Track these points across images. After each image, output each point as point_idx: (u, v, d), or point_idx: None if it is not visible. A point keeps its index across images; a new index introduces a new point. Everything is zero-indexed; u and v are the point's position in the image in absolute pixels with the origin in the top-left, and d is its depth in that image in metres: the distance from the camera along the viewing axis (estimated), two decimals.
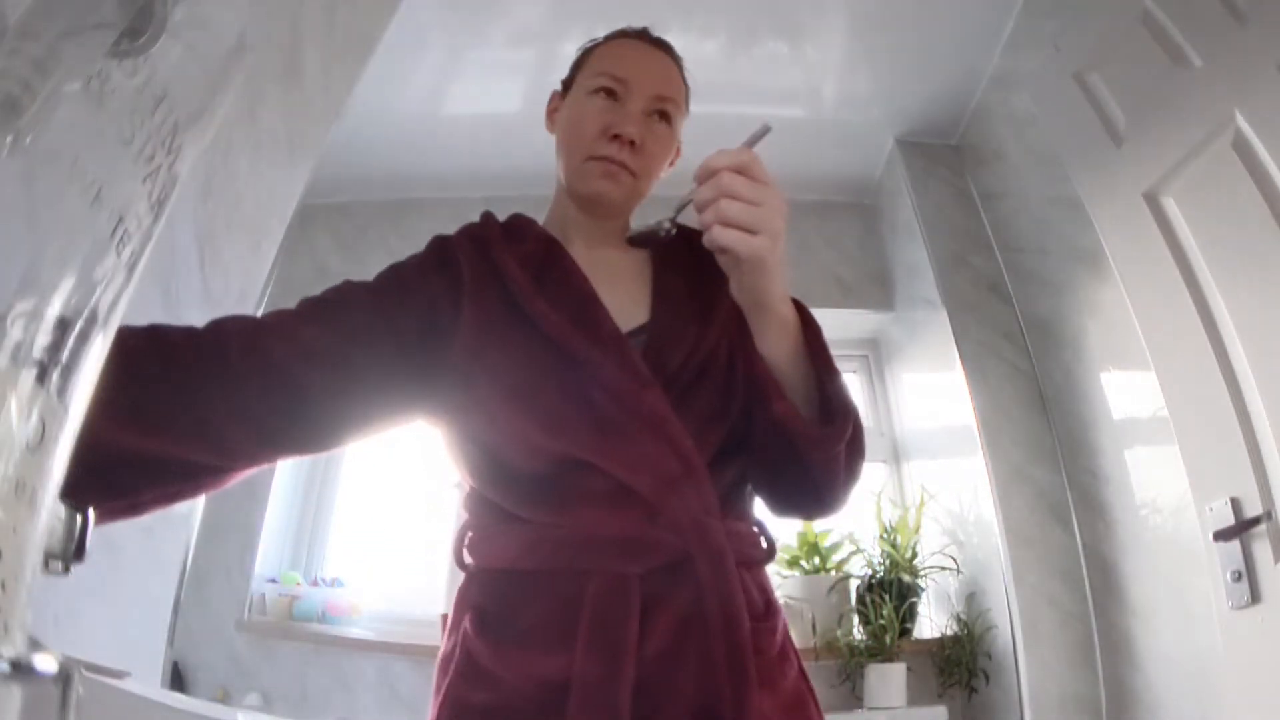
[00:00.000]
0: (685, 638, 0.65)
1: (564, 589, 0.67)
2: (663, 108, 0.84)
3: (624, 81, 0.82)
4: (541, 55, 2.29)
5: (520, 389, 0.73)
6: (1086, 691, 1.77)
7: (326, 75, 1.32)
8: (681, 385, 0.74)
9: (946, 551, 2.15)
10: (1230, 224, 1.26)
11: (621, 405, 0.71)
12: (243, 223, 1.18)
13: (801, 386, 0.71)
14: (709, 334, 0.78)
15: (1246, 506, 1.18)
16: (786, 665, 0.72)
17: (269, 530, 2.34)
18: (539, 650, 0.66)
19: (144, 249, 0.37)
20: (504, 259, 0.79)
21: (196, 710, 0.60)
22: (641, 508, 0.69)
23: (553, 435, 0.71)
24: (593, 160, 0.81)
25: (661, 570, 0.67)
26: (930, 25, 2.14)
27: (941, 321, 2.20)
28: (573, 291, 0.78)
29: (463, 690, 0.68)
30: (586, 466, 0.70)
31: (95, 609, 0.89)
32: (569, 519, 0.70)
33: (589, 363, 0.72)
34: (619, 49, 0.87)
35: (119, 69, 0.34)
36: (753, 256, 0.64)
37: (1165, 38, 1.42)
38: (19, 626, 0.29)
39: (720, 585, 0.66)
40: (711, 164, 0.64)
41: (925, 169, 2.47)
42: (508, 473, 0.74)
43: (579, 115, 0.84)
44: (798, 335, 0.71)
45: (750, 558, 0.73)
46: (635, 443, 0.70)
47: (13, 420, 0.28)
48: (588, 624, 0.65)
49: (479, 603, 0.72)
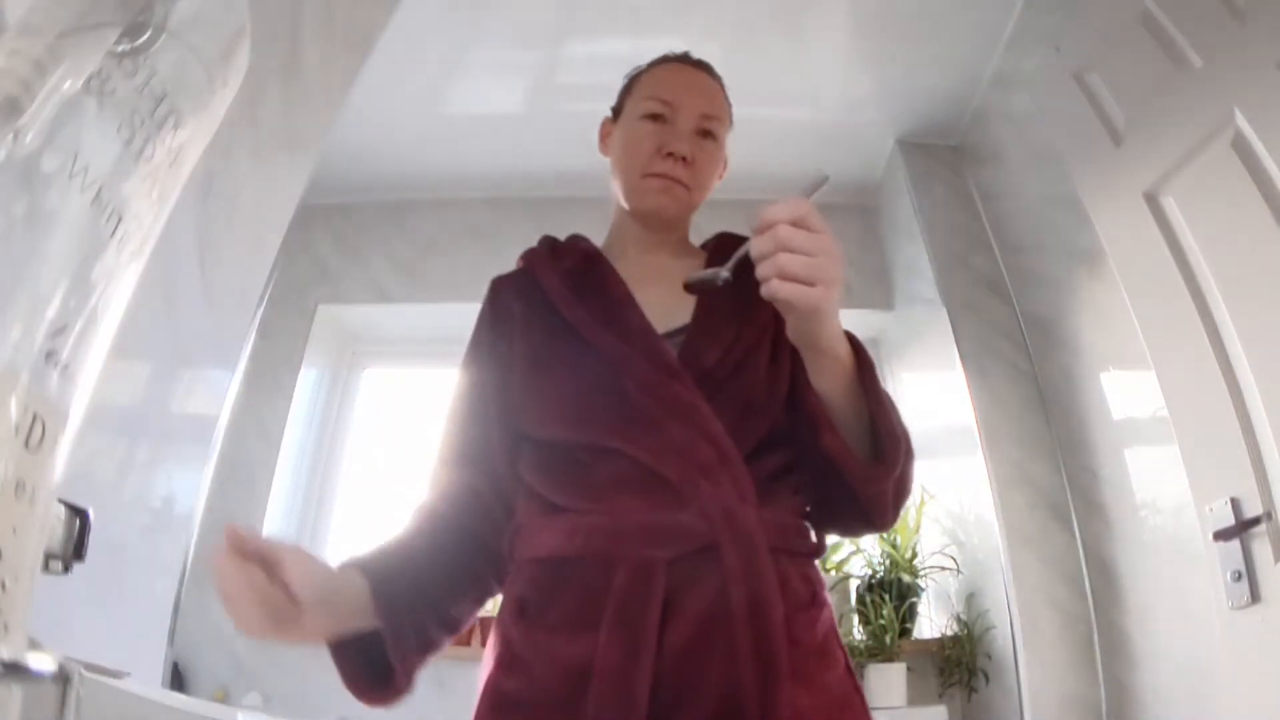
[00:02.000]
0: (711, 627, 0.66)
1: (593, 575, 0.69)
2: (709, 126, 0.89)
3: (671, 104, 0.89)
4: (542, 55, 2.29)
5: (562, 391, 0.79)
6: (1086, 691, 1.77)
7: (326, 75, 1.32)
8: (717, 379, 0.77)
9: (946, 551, 2.15)
10: (1230, 224, 1.26)
11: (651, 395, 0.75)
12: (243, 223, 1.18)
13: (854, 421, 0.73)
14: (747, 332, 0.81)
15: (1246, 506, 1.18)
16: (830, 661, 0.72)
17: (269, 530, 2.34)
18: (566, 636, 0.68)
19: (144, 249, 0.37)
20: (547, 276, 0.87)
21: (196, 710, 0.60)
22: (671, 494, 0.71)
23: (586, 426, 0.76)
24: (649, 177, 0.87)
25: (689, 557, 0.68)
26: (930, 25, 2.14)
27: (941, 321, 2.20)
28: (608, 296, 0.84)
29: (499, 678, 0.71)
30: (618, 454, 0.73)
31: (95, 609, 0.89)
32: (602, 506, 0.73)
33: (620, 358, 0.77)
34: (664, 74, 0.93)
35: (119, 69, 0.34)
36: (809, 307, 0.65)
37: (1165, 38, 1.41)
38: (19, 626, 0.29)
39: (748, 573, 0.67)
40: (769, 217, 0.65)
41: (926, 169, 2.47)
42: (549, 464, 0.78)
43: (633, 137, 0.90)
44: (851, 372, 0.73)
45: (792, 548, 0.74)
46: (664, 431, 0.73)
47: (13, 420, 0.28)
48: (612, 609, 0.67)
49: (519, 593, 0.75)
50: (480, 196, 2.80)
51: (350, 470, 2.65)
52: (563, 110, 2.48)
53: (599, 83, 2.45)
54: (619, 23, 2.16)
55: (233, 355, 1.28)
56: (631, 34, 2.18)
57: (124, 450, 0.99)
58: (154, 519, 1.08)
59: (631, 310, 0.82)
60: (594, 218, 2.95)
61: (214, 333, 1.18)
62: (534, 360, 0.82)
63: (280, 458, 2.40)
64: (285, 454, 2.44)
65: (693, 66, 0.94)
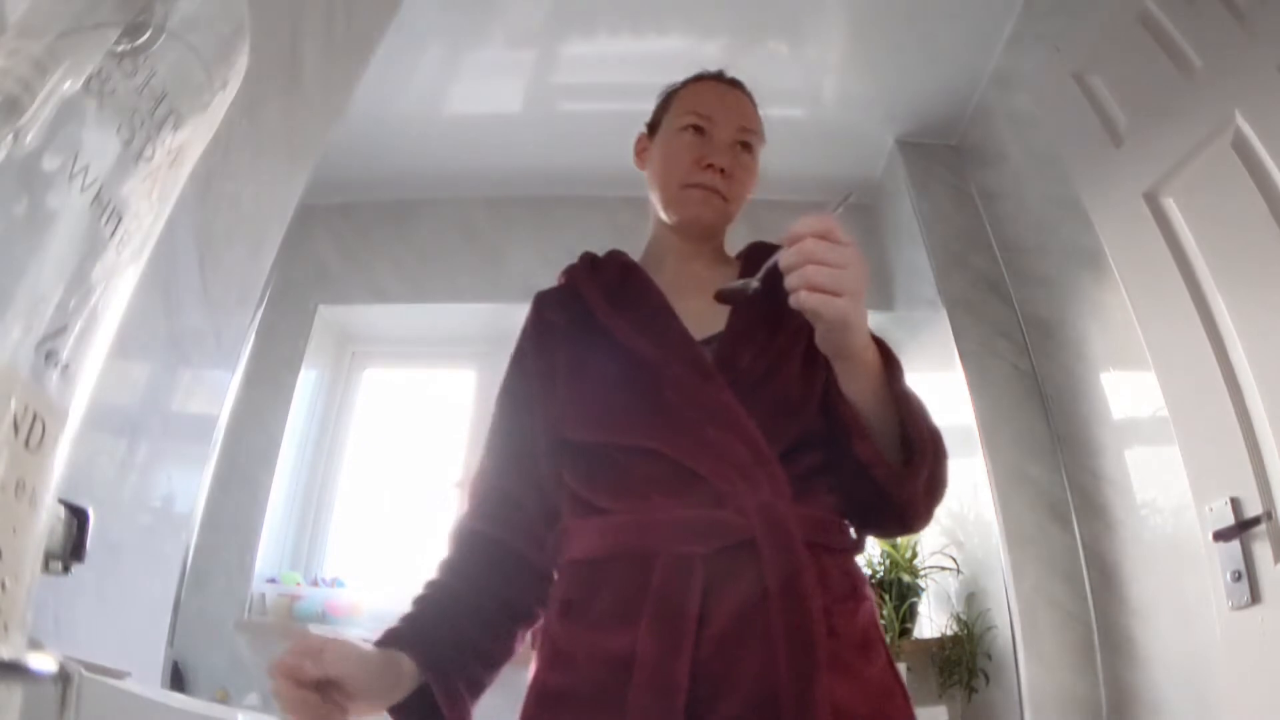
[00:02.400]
0: (748, 618, 0.68)
1: (633, 571, 0.72)
2: (746, 139, 0.93)
3: (710, 118, 0.92)
4: (541, 55, 2.29)
5: (601, 396, 0.83)
6: (1086, 692, 1.77)
7: (326, 75, 1.32)
8: (751, 381, 0.80)
9: (946, 551, 2.15)
10: (1230, 224, 1.26)
11: (687, 398, 0.78)
12: (243, 223, 1.17)
13: (885, 426, 0.75)
14: (780, 337, 0.83)
15: (1246, 506, 1.18)
16: (872, 653, 0.74)
17: (269, 530, 2.34)
18: (607, 630, 0.71)
19: (144, 249, 0.37)
20: (587, 288, 0.91)
21: (196, 710, 0.60)
22: (708, 492, 0.73)
23: (625, 430, 0.79)
24: (689, 188, 0.90)
25: (726, 552, 0.70)
26: (930, 25, 2.14)
27: (941, 321, 2.20)
28: (647, 305, 0.88)
29: (545, 675, 0.75)
30: (655, 454, 0.76)
31: (95, 609, 0.89)
32: (640, 505, 0.75)
33: (658, 363, 0.80)
34: (702, 90, 0.97)
35: (119, 69, 0.34)
36: (835, 316, 0.67)
37: (1165, 38, 1.41)
38: (19, 626, 0.29)
39: (785, 565, 0.69)
40: (797, 231, 0.68)
41: (925, 169, 2.47)
42: (589, 466, 0.81)
43: (672, 150, 0.93)
44: (880, 378, 0.75)
45: (829, 543, 0.76)
46: (701, 432, 0.76)
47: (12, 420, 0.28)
48: (651, 603, 0.69)
49: (563, 594, 0.78)
50: (480, 196, 2.80)
51: (350, 470, 2.65)
52: (562, 110, 2.48)
53: (598, 83, 2.47)
54: (618, 23, 2.16)
55: (233, 355, 1.28)
56: (631, 34, 2.18)
57: (124, 450, 0.99)
58: (154, 519, 1.08)
59: (669, 318, 0.85)
60: (594, 217, 2.97)
61: (214, 333, 1.18)
62: (575, 369, 0.85)
63: (280, 458, 2.40)
64: (285, 454, 2.44)
65: (727, 84, 0.98)
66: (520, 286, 2.67)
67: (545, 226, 2.74)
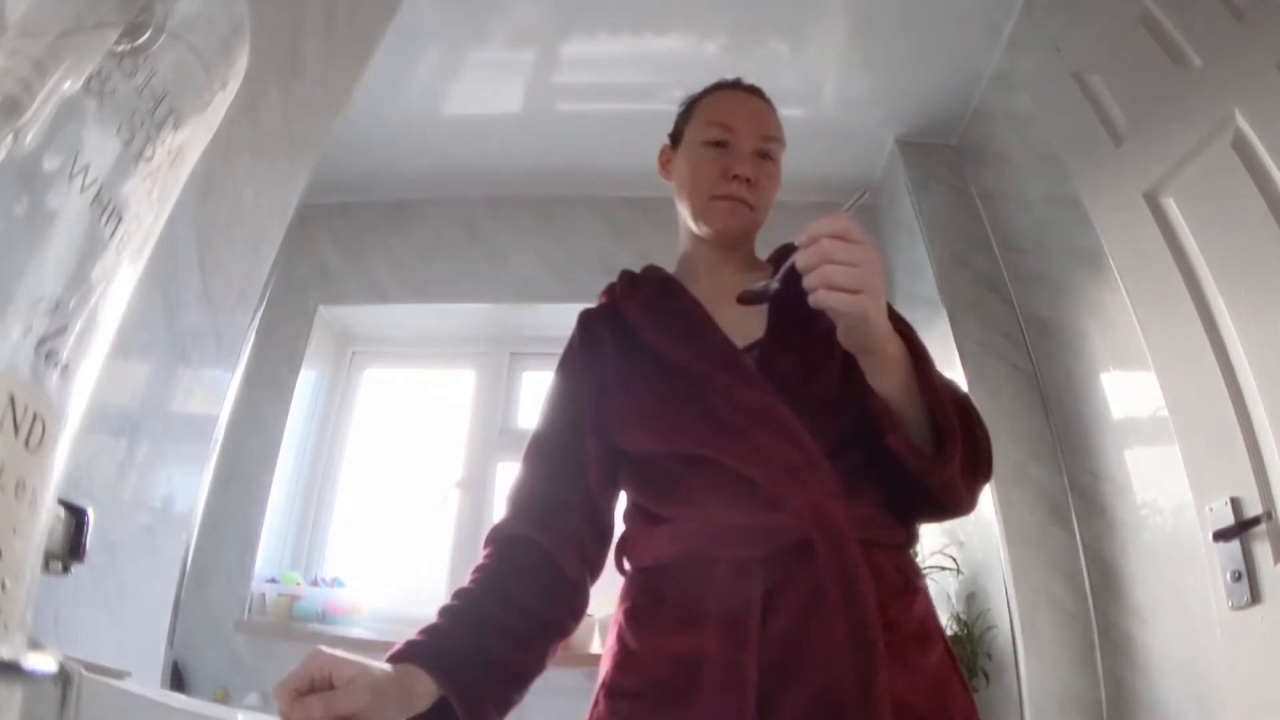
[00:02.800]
0: (809, 617, 0.70)
1: (697, 576, 0.75)
2: (767, 147, 0.95)
3: (731, 129, 0.94)
4: (541, 55, 2.29)
5: (650, 408, 0.85)
6: (1086, 692, 1.77)
7: (327, 74, 1.32)
8: (794, 384, 0.82)
9: (946, 551, 2.15)
10: (1230, 224, 1.26)
11: (736, 406, 0.80)
12: (243, 223, 1.18)
13: (915, 415, 0.76)
14: (817, 338, 0.84)
15: (1246, 506, 1.18)
16: (929, 644, 0.75)
17: (269, 530, 2.34)
18: (674, 633, 0.74)
19: (144, 249, 0.37)
20: (628, 306, 0.93)
21: (196, 710, 0.60)
22: (763, 496, 0.75)
23: (677, 440, 0.81)
24: (716, 199, 0.92)
25: (784, 553, 0.73)
26: (930, 25, 2.14)
27: (941, 321, 2.20)
28: (687, 317, 0.89)
29: (617, 677, 0.77)
30: (709, 463, 0.78)
31: (95, 609, 0.89)
32: (700, 512, 0.78)
33: (704, 375, 0.82)
34: (722, 100, 0.98)
35: (119, 69, 0.34)
36: (854, 313, 0.69)
37: (1165, 38, 1.41)
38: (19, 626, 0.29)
39: (841, 564, 0.71)
40: (814, 231, 0.69)
41: (925, 169, 2.47)
42: (647, 477, 0.84)
43: (697, 163, 0.95)
44: (906, 369, 0.76)
45: (882, 539, 0.77)
46: (751, 438, 0.78)
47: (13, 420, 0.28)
48: (716, 606, 0.72)
49: (632, 602, 0.81)
50: (480, 196, 2.80)
51: (350, 470, 2.65)
52: (562, 110, 2.48)
53: (598, 83, 2.47)
54: (618, 23, 2.16)
55: (233, 355, 1.28)
56: (631, 34, 2.18)
57: (124, 450, 0.99)
58: (154, 519, 1.08)
59: (710, 328, 0.87)
60: (594, 217, 2.97)
61: (214, 333, 1.18)
62: (622, 383, 0.88)
63: (280, 458, 2.41)
64: (285, 454, 2.44)
65: (746, 92, 0.99)
66: (520, 287, 2.68)
67: (545, 226, 2.74)
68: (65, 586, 0.69)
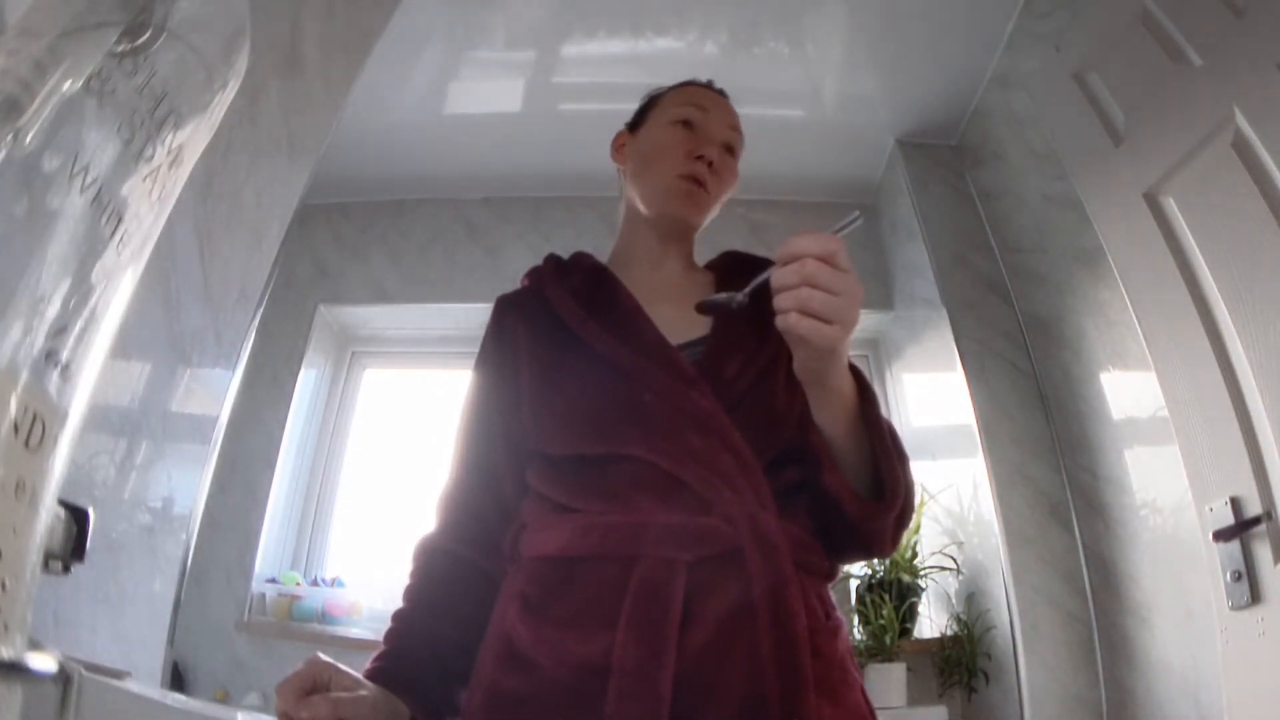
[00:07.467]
0: (733, 632, 0.65)
1: (610, 573, 0.68)
2: (731, 141, 0.95)
3: (704, 110, 0.94)
4: (541, 55, 2.29)
5: (578, 409, 0.79)
6: (1086, 692, 1.77)
7: (327, 74, 1.32)
8: (738, 391, 0.78)
9: (946, 551, 2.15)
10: (1230, 224, 1.26)
11: (670, 404, 0.75)
12: (243, 222, 1.18)
13: (856, 459, 0.73)
14: (766, 348, 0.81)
15: (1246, 506, 1.18)
16: (850, 679, 0.71)
17: (269, 530, 2.34)
18: (580, 633, 0.67)
19: (144, 249, 0.37)
20: (556, 293, 0.87)
21: (196, 710, 0.60)
22: (694, 499, 0.71)
23: (603, 437, 0.76)
24: (681, 178, 0.90)
25: (712, 560, 0.67)
26: (930, 25, 2.14)
27: (941, 321, 2.20)
28: (618, 309, 0.85)
29: (498, 676, 0.69)
30: (637, 461, 0.73)
31: (95, 609, 0.89)
32: (622, 506, 0.72)
33: (636, 369, 0.78)
34: (691, 93, 0.98)
35: (119, 69, 0.34)
36: (824, 346, 0.63)
37: (1165, 37, 1.41)
38: (19, 626, 0.29)
39: (772, 578, 0.66)
40: (797, 248, 0.62)
41: (925, 169, 2.47)
42: (562, 470, 0.78)
43: (664, 141, 0.93)
44: (854, 410, 0.72)
45: (809, 564, 0.73)
46: (684, 438, 0.73)
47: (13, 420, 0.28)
48: (629, 608, 0.65)
49: (524, 590, 0.73)
50: (480, 196, 2.80)
51: (350, 470, 2.65)
52: (561, 111, 2.48)
53: (598, 83, 2.47)
54: (618, 23, 2.16)
55: (233, 355, 1.28)
56: (631, 34, 2.18)
57: (124, 450, 0.99)
58: (154, 519, 1.08)
59: (643, 322, 0.83)
60: (592, 218, 2.98)
61: (214, 333, 1.18)
62: (544, 377, 0.82)
63: (280, 458, 2.40)
64: (285, 454, 2.44)
65: (715, 91, 0.99)
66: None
67: (545, 226, 2.74)
68: (65, 586, 0.69)
